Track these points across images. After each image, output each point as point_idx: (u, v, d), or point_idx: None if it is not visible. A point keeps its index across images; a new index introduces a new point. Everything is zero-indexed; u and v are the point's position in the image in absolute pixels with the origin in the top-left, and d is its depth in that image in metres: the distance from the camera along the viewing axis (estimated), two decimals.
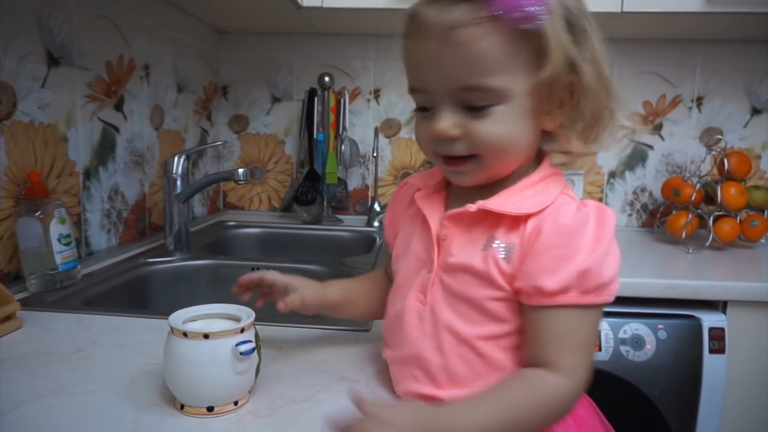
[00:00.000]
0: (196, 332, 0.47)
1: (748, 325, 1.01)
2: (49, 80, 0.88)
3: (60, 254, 0.82)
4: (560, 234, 0.46)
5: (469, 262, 0.49)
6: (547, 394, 0.45)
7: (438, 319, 0.50)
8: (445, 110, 0.48)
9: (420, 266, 0.53)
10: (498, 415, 0.44)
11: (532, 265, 0.46)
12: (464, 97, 0.47)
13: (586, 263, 0.44)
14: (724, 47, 1.49)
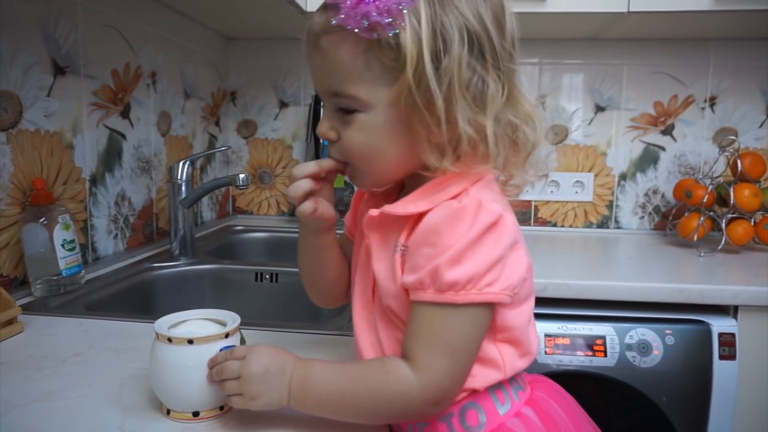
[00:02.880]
0: (180, 337, 0.47)
1: (760, 330, 0.99)
2: (55, 89, 0.90)
3: (64, 259, 0.83)
4: (427, 232, 0.46)
5: (383, 268, 0.50)
6: (391, 381, 0.46)
7: (379, 328, 0.52)
8: (327, 112, 0.50)
9: (365, 272, 0.54)
10: (346, 383, 0.47)
11: (409, 262, 0.47)
12: (335, 102, 0.49)
13: (438, 261, 0.44)
14: (738, 46, 1.46)
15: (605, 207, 1.56)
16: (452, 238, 0.44)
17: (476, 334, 0.46)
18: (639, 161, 1.54)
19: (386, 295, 0.50)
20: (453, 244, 0.44)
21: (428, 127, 0.46)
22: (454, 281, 0.44)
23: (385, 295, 0.50)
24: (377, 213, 0.50)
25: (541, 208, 1.57)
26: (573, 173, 1.55)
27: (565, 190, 1.55)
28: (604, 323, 0.99)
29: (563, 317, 1.00)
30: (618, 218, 1.56)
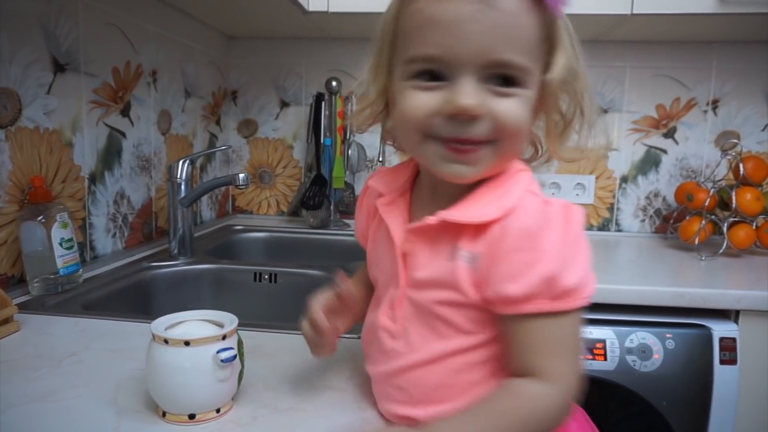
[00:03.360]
0: (176, 339, 0.47)
1: (762, 335, 0.98)
2: (55, 87, 0.90)
3: (62, 258, 0.83)
4: (522, 237, 0.42)
5: (437, 276, 0.46)
6: (536, 404, 0.43)
7: (410, 339, 0.48)
8: (468, 83, 0.42)
9: (388, 280, 0.51)
10: (485, 428, 0.42)
11: (496, 271, 0.43)
12: (493, 73, 0.42)
13: (552, 268, 0.41)
14: (741, 49, 1.45)
15: (606, 209, 1.55)
16: (552, 242, 0.41)
17: (580, 331, 0.45)
18: (641, 164, 1.53)
19: (435, 304, 0.46)
20: (556, 248, 0.41)
21: (548, 117, 0.48)
22: (571, 288, 0.42)
23: (433, 303, 0.46)
24: (436, 221, 0.45)
25: None
26: (574, 175, 1.55)
27: (566, 192, 1.55)
28: (604, 327, 0.98)
29: None
30: (619, 221, 1.55)
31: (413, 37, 0.43)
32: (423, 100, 0.43)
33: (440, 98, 0.42)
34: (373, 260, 0.55)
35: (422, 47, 0.43)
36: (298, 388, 0.55)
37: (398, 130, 0.48)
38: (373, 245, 0.55)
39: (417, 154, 0.47)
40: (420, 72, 0.43)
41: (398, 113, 0.46)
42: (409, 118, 0.44)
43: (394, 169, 0.54)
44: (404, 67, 0.44)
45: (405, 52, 0.44)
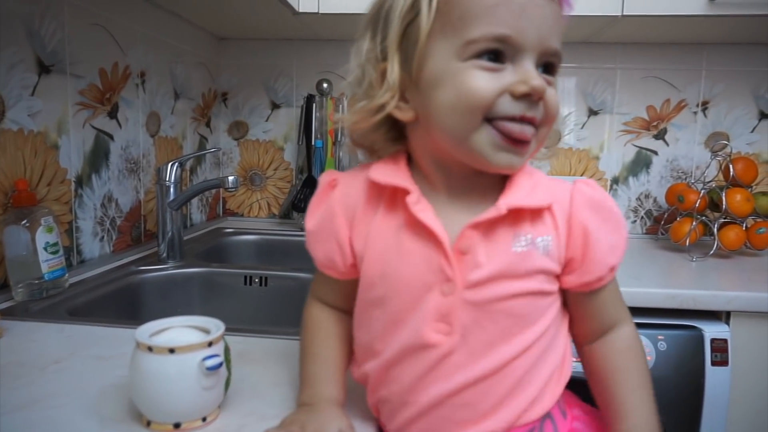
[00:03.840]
0: (161, 346, 0.46)
1: (753, 336, 0.98)
2: (40, 88, 0.88)
3: (46, 263, 0.81)
4: (602, 211, 0.47)
5: (507, 267, 0.44)
6: (638, 341, 0.53)
7: (472, 347, 0.45)
8: (533, 66, 0.43)
9: (424, 290, 0.45)
10: (647, 393, 0.50)
11: (596, 251, 0.46)
12: (546, 59, 0.44)
13: (626, 231, 0.49)
14: (730, 50, 1.46)
15: None
16: (617, 208, 0.49)
17: None
18: (631, 165, 1.53)
19: (506, 299, 0.45)
20: (619, 212, 0.49)
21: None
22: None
23: (503, 299, 0.45)
24: (505, 210, 0.44)
25: None
26: (565, 177, 1.54)
27: None
28: None
29: None
30: None
31: (480, 16, 0.42)
32: (489, 80, 0.42)
33: (507, 79, 0.42)
34: (376, 273, 0.47)
35: (493, 26, 0.41)
36: (287, 395, 0.54)
37: (446, 115, 0.43)
38: (378, 254, 0.47)
39: (464, 144, 0.43)
40: (484, 51, 0.42)
41: (459, 94, 0.42)
42: (475, 97, 0.42)
43: (388, 165, 0.49)
44: (464, 46, 0.42)
45: (467, 31, 0.42)
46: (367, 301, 0.49)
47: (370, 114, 0.47)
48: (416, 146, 0.49)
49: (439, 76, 0.43)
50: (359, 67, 0.48)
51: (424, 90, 0.44)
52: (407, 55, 0.45)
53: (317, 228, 0.51)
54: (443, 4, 0.43)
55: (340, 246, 0.49)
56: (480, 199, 0.47)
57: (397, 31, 0.45)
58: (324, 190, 0.51)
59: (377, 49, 0.47)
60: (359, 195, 0.49)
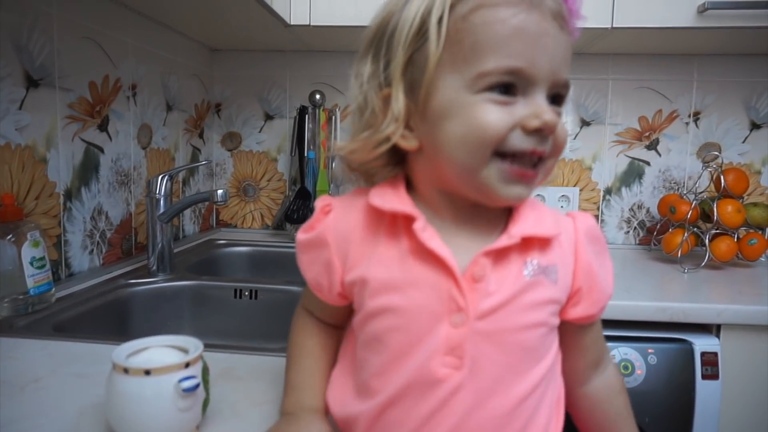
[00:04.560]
0: (136, 368, 0.45)
1: (743, 349, 0.98)
2: (27, 102, 0.88)
3: (32, 277, 0.81)
4: (599, 242, 0.50)
5: (518, 294, 0.43)
6: (622, 381, 0.55)
7: (481, 383, 0.43)
8: (544, 100, 0.42)
9: (433, 321, 0.43)
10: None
11: (600, 282, 0.48)
12: (555, 91, 0.43)
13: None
14: (721, 61, 1.46)
15: None
16: (607, 246, 0.51)
17: None
18: (624, 176, 1.54)
19: (516, 331, 0.44)
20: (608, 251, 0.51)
21: None
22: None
23: (513, 330, 0.44)
24: (519, 239, 0.44)
25: None
26: (558, 187, 1.55)
27: (551, 204, 1.55)
28: None
29: None
30: (603, 233, 1.55)
31: (493, 47, 0.40)
32: (502, 114, 0.41)
33: (519, 113, 0.41)
34: (381, 302, 0.44)
35: (507, 58, 0.40)
36: (267, 414, 0.54)
37: (456, 148, 0.42)
38: (382, 282, 0.44)
39: (473, 177, 0.42)
40: (496, 84, 0.41)
41: (470, 128, 0.41)
42: (487, 133, 0.41)
43: (387, 190, 0.46)
44: (476, 78, 0.41)
45: (479, 62, 0.40)
46: (366, 336, 0.46)
47: (374, 146, 0.45)
48: (419, 174, 0.47)
49: (448, 108, 0.42)
50: (361, 93, 0.46)
51: (431, 120, 0.43)
52: (413, 83, 0.43)
53: (307, 249, 0.49)
54: (454, 32, 0.41)
55: (329, 274, 0.47)
56: (487, 226, 0.46)
57: (402, 57, 0.43)
58: (318, 216, 0.48)
59: (380, 73, 0.45)
60: (356, 222, 0.46)
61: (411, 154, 0.47)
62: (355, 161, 0.47)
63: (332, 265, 0.47)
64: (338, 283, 0.47)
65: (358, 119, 0.46)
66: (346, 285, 0.47)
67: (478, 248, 0.44)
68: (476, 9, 0.41)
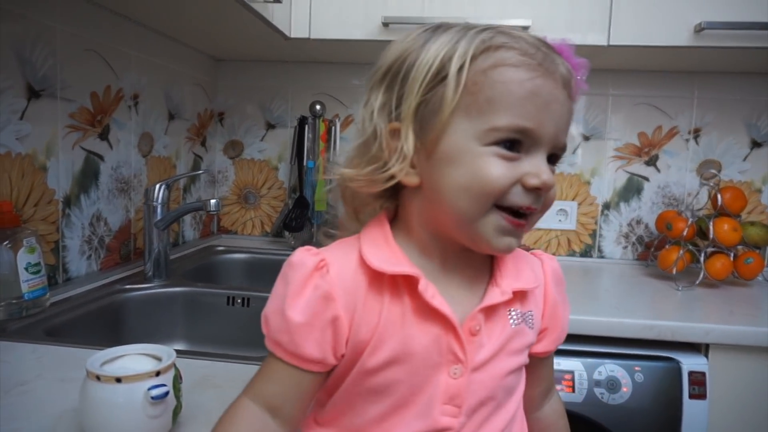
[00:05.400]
0: (108, 375, 0.47)
1: (732, 369, 0.97)
2: (29, 112, 0.91)
3: (27, 282, 0.83)
4: (561, 283, 0.53)
5: (505, 344, 0.47)
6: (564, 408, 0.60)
7: (474, 428, 0.46)
8: (544, 160, 0.44)
9: (432, 372, 0.44)
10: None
11: (561, 320, 0.52)
12: (554, 151, 0.45)
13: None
14: (722, 79, 1.46)
15: (588, 236, 1.55)
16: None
17: None
18: (623, 191, 1.54)
19: (503, 377, 0.47)
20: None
21: None
22: None
23: (501, 377, 0.47)
24: (510, 294, 0.47)
25: (525, 235, 1.56)
26: (557, 201, 1.55)
27: (549, 217, 1.55)
28: (573, 358, 0.98)
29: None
30: (601, 247, 1.55)
31: (508, 105, 0.42)
32: (504, 169, 0.42)
33: (521, 170, 0.43)
34: (389, 360, 0.44)
35: (520, 118, 0.42)
36: None
37: (458, 196, 0.43)
38: (391, 343, 0.44)
39: (472, 226, 0.43)
40: (505, 140, 0.42)
41: (474, 179, 0.42)
42: (492, 186, 0.42)
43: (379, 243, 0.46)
44: (487, 131, 0.42)
45: (493, 117, 0.42)
46: (363, 388, 0.45)
47: (380, 183, 0.45)
48: (412, 211, 0.47)
49: (456, 155, 0.43)
50: (370, 123, 0.46)
51: (436, 162, 0.44)
52: (423, 124, 0.44)
53: (309, 318, 0.43)
54: (472, 83, 0.42)
55: (337, 336, 0.44)
56: (474, 274, 0.48)
57: (417, 97, 0.43)
58: (311, 273, 0.44)
59: (392, 107, 0.45)
60: (359, 279, 0.45)
61: (407, 190, 0.47)
62: (354, 190, 0.47)
63: (340, 325, 0.44)
64: (343, 344, 0.44)
65: (363, 149, 0.46)
66: (351, 345, 0.44)
67: (469, 299, 0.47)
68: (497, 66, 0.42)
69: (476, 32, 0.44)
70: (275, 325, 0.44)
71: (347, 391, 0.46)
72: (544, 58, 0.43)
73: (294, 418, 0.46)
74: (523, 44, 0.43)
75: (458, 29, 0.45)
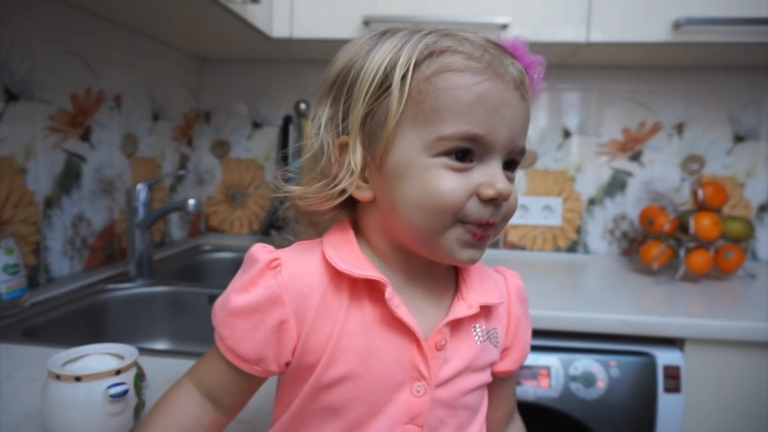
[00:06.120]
0: (67, 375, 0.48)
1: (707, 364, 0.98)
2: (7, 115, 0.92)
3: (5, 284, 0.84)
4: (525, 302, 0.52)
5: (471, 361, 0.45)
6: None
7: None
8: (499, 167, 0.42)
9: (393, 390, 0.42)
10: None
11: (524, 339, 0.51)
12: (511, 157, 0.43)
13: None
14: (705, 73, 1.47)
15: (574, 231, 1.56)
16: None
17: None
18: (608, 186, 1.54)
19: (465, 394, 0.45)
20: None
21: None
22: None
23: (463, 394, 0.45)
24: (477, 309, 0.45)
25: (510, 231, 1.57)
26: (542, 197, 1.56)
27: (534, 214, 1.56)
28: (549, 353, 0.99)
29: None
30: (587, 243, 1.56)
31: (455, 113, 0.40)
32: (458, 182, 0.40)
33: (474, 180, 0.41)
34: (346, 375, 0.42)
35: (468, 125, 0.40)
36: None
37: (413, 212, 0.41)
38: (349, 356, 0.42)
39: (433, 241, 0.42)
40: (453, 149, 0.40)
41: (427, 195, 0.40)
42: (446, 202, 0.40)
43: (344, 247, 0.44)
44: (434, 142, 0.40)
45: (439, 126, 0.40)
46: (318, 405, 0.43)
47: (329, 198, 0.43)
48: (369, 224, 0.45)
49: (405, 168, 0.41)
50: (317, 138, 0.44)
51: (387, 177, 0.42)
52: (371, 136, 0.42)
53: (251, 317, 0.41)
54: (416, 92, 0.40)
55: (279, 341, 0.42)
56: (439, 286, 0.46)
57: (362, 109, 0.42)
58: (263, 271, 0.42)
59: (339, 120, 0.44)
60: (315, 282, 0.42)
61: (363, 204, 0.45)
62: (306, 208, 0.45)
63: (287, 330, 0.41)
64: (289, 352, 0.42)
65: (312, 164, 0.45)
66: (299, 353, 0.42)
67: (434, 312, 0.45)
68: (440, 72, 0.40)
69: (421, 36, 0.42)
70: (219, 317, 0.43)
71: (299, 410, 0.43)
72: (492, 60, 0.41)
73: (234, 408, 0.46)
74: (469, 47, 0.41)
75: (404, 34, 0.43)
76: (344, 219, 0.47)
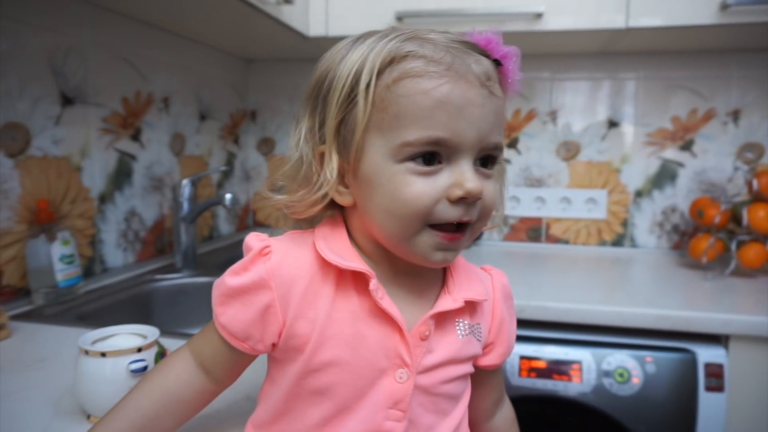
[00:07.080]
0: (95, 351, 0.53)
1: (753, 361, 0.93)
2: (63, 118, 1.00)
3: (61, 272, 0.92)
4: (510, 299, 0.53)
5: (453, 354, 0.47)
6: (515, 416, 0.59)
7: (419, 430, 0.47)
8: (469, 166, 0.42)
9: (376, 376, 0.44)
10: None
11: (508, 334, 0.52)
12: (486, 155, 0.43)
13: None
14: (761, 56, 1.38)
15: (620, 225, 1.51)
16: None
17: None
18: (656, 178, 1.48)
19: (445, 383, 0.47)
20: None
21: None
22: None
23: (443, 383, 0.47)
24: (462, 303, 0.47)
25: (552, 225, 1.54)
26: (585, 190, 1.51)
27: (577, 207, 1.52)
28: (581, 348, 0.97)
29: (541, 340, 0.98)
30: (634, 236, 1.50)
31: (417, 118, 0.41)
32: (424, 186, 0.41)
33: (442, 183, 0.42)
34: (332, 360, 0.44)
35: (430, 130, 0.41)
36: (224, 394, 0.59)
37: (384, 219, 0.43)
38: (335, 342, 0.44)
39: (405, 245, 0.43)
40: (419, 154, 0.41)
41: (394, 201, 0.42)
42: (412, 207, 0.41)
43: (335, 239, 0.46)
44: (399, 147, 0.41)
45: (402, 132, 0.41)
46: (305, 388, 0.45)
47: (311, 204, 0.45)
48: (354, 226, 0.47)
49: (374, 175, 0.42)
50: (297, 148, 0.46)
51: (361, 184, 0.44)
52: (345, 144, 0.44)
53: (242, 297, 0.44)
54: (379, 100, 0.41)
55: (265, 324, 0.44)
56: (426, 285, 0.48)
57: (334, 118, 0.43)
58: (254, 259, 0.45)
59: (316, 131, 0.45)
60: (303, 270, 0.44)
61: (348, 209, 0.47)
62: (294, 216, 0.48)
63: (273, 313, 0.44)
64: (275, 334, 0.44)
65: (294, 173, 0.47)
66: (286, 336, 0.44)
67: (420, 305, 0.46)
68: (400, 79, 0.41)
69: (386, 42, 0.42)
70: (215, 296, 0.46)
71: (288, 392, 0.45)
72: (453, 61, 0.41)
73: (224, 379, 0.49)
74: (430, 50, 0.41)
75: (373, 40, 0.43)
76: (336, 213, 0.49)
